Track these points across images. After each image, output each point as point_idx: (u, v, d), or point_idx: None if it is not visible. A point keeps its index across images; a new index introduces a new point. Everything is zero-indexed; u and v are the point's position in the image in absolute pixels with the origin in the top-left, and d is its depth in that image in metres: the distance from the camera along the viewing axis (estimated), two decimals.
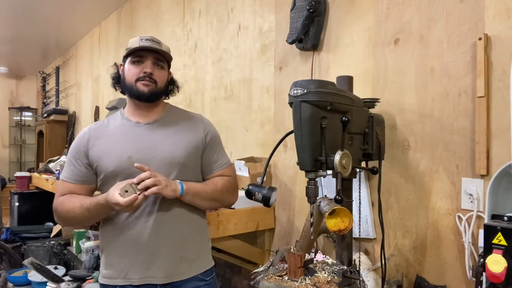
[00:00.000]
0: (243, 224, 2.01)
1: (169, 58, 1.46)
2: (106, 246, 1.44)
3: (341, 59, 1.84)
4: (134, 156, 1.36)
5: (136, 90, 1.39)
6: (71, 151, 1.46)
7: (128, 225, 1.38)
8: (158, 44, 1.42)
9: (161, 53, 1.42)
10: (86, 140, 1.43)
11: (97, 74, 4.80)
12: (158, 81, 1.41)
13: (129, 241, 1.38)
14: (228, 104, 2.56)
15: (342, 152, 1.11)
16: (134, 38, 1.44)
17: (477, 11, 1.36)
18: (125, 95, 1.48)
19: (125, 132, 1.43)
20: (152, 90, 1.40)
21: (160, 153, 1.38)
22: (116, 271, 1.39)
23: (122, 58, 1.45)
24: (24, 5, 4.14)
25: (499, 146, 1.30)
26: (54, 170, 4.16)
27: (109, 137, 1.43)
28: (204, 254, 1.49)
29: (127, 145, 1.40)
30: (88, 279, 2.72)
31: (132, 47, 1.40)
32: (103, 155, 1.39)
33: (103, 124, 1.49)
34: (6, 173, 7.27)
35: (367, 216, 1.66)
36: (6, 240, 4.12)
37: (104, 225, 1.44)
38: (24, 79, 8.03)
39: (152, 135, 1.42)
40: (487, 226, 1.04)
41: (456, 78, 1.41)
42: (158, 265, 1.37)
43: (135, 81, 1.39)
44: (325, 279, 1.21)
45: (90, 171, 1.42)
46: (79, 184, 1.42)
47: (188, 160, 1.40)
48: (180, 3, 3.10)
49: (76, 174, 1.43)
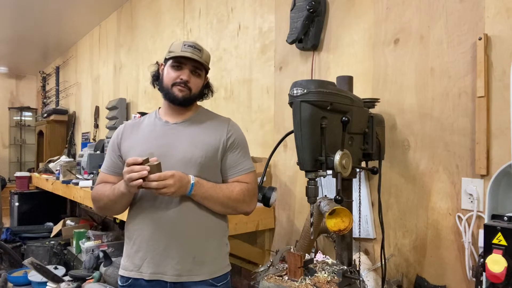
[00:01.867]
0: (243, 224, 2.01)
1: (207, 67, 1.50)
2: (127, 238, 1.48)
3: (341, 59, 1.84)
4: (155, 153, 1.40)
5: (171, 94, 1.44)
6: (110, 144, 1.56)
7: (143, 221, 1.42)
8: (199, 52, 1.44)
9: (200, 62, 1.45)
10: (121, 134, 1.53)
11: (97, 74, 4.80)
12: (193, 88, 1.46)
13: (144, 236, 1.41)
14: (228, 104, 2.56)
15: (342, 152, 1.11)
16: (177, 41, 1.48)
17: (477, 11, 1.36)
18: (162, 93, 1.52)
19: (153, 130, 1.49)
20: (186, 96, 1.44)
21: (179, 152, 1.41)
22: (132, 263, 1.43)
23: (164, 59, 1.49)
24: (24, 5, 4.14)
25: (499, 146, 1.30)
26: (54, 170, 4.16)
27: (139, 133, 1.50)
28: (219, 258, 1.48)
29: (151, 142, 1.45)
30: (88, 279, 2.72)
31: (174, 52, 1.43)
32: (130, 149, 1.47)
33: (139, 121, 1.57)
34: (6, 173, 7.28)
35: (367, 216, 1.66)
36: (6, 240, 4.13)
37: (127, 218, 1.49)
38: (24, 79, 8.02)
39: (175, 134, 1.46)
40: (487, 226, 1.04)
41: (456, 78, 1.41)
42: (169, 262, 1.39)
43: (172, 85, 1.44)
44: (325, 279, 1.21)
45: (122, 163, 1.48)
46: (113, 175, 1.51)
47: (205, 160, 1.41)
48: (180, 3, 3.10)
49: (111, 165, 1.52)
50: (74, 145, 5.59)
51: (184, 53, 1.41)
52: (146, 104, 3.59)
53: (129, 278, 1.44)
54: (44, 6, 4.17)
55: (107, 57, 4.52)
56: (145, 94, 3.62)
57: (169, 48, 1.48)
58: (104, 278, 2.69)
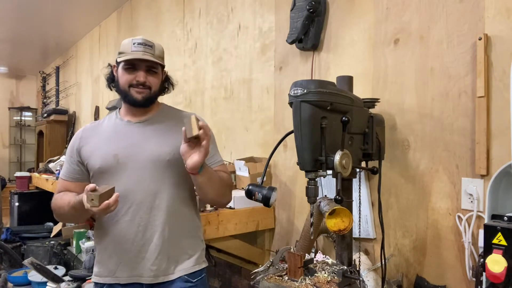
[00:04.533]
0: (243, 224, 2.01)
1: (162, 64, 1.45)
2: (97, 244, 1.46)
3: (341, 59, 1.84)
4: (120, 154, 1.38)
5: (130, 96, 1.40)
6: (67, 150, 1.51)
7: (115, 223, 1.39)
8: (150, 49, 1.39)
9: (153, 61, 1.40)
10: (79, 139, 1.47)
11: (97, 74, 4.80)
12: (152, 86, 1.41)
13: (116, 239, 1.38)
14: (228, 104, 2.56)
15: (342, 152, 1.10)
16: (126, 40, 1.41)
17: (477, 11, 1.36)
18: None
19: (115, 130, 1.45)
20: (146, 96, 1.41)
21: (146, 150, 1.38)
22: (106, 269, 1.40)
23: (116, 60, 1.44)
24: (24, 5, 4.13)
25: (499, 146, 1.30)
26: (54, 170, 4.17)
27: (100, 135, 1.46)
28: (195, 254, 1.45)
29: (115, 143, 1.41)
30: (88, 279, 2.72)
31: (125, 53, 1.38)
32: (91, 153, 1.42)
33: (98, 123, 1.52)
34: (6, 173, 7.28)
35: (367, 216, 1.66)
36: (6, 240, 4.12)
37: (96, 223, 1.46)
38: (24, 79, 8.03)
39: (140, 133, 1.43)
40: (487, 226, 1.04)
41: (456, 78, 1.41)
42: (145, 264, 1.37)
43: (129, 87, 1.40)
44: (325, 279, 1.21)
45: (82, 168, 1.45)
46: (73, 181, 1.46)
47: (174, 158, 1.37)
48: (180, 3, 3.10)
49: (70, 171, 1.47)
50: None
51: (135, 54, 1.36)
52: None
53: (103, 285, 1.41)
54: (44, 6, 4.17)
55: (107, 57, 4.52)
56: None
57: (119, 48, 1.42)
58: None
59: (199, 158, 1.22)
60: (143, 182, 1.38)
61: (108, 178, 1.38)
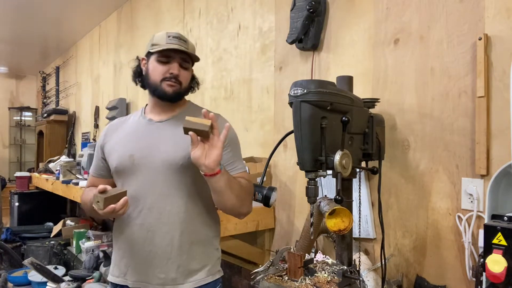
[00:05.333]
0: (243, 224, 2.01)
1: (194, 58, 1.42)
2: (114, 243, 1.45)
3: (341, 59, 1.84)
4: (136, 155, 1.34)
5: (161, 90, 1.36)
6: (96, 145, 1.51)
7: (128, 225, 1.36)
8: (185, 43, 1.36)
9: (188, 53, 1.37)
10: (104, 135, 1.47)
11: (97, 74, 4.80)
12: (183, 81, 1.38)
13: (128, 242, 1.36)
14: (228, 104, 2.56)
15: (342, 152, 1.10)
16: (160, 32, 1.38)
17: (477, 11, 1.36)
18: (145, 90, 1.46)
19: (136, 129, 1.42)
20: (177, 91, 1.37)
21: (161, 153, 1.33)
22: (118, 269, 1.40)
23: (146, 53, 1.40)
24: (24, 5, 4.13)
25: (499, 146, 1.30)
26: (54, 170, 4.16)
27: (121, 133, 1.43)
28: (208, 265, 1.38)
29: (132, 143, 1.38)
30: (88, 279, 2.72)
31: (160, 44, 1.34)
32: (111, 151, 1.41)
33: (125, 119, 1.50)
34: (6, 173, 7.28)
35: (367, 216, 1.66)
36: (6, 240, 4.13)
37: (115, 221, 1.45)
38: (24, 79, 8.02)
39: (159, 133, 1.38)
40: (487, 226, 1.04)
41: (456, 78, 1.41)
42: (153, 270, 1.33)
43: (161, 81, 1.36)
44: (325, 279, 1.21)
45: (106, 165, 1.44)
46: (99, 177, 1.46)
47: (188, 162, 1.27)
48: (180, 3, 3.10)
49: (96, 167, 1.48)
50: (74, 145, 5.58)
51: (171, 45, 1.32)
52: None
53: (116, 285, 1.40)
54: (44, 6, 4.17)
55: (107, 57, 4.52)
56: (145, 94, 3.59)
57: (151, 40, 1.38)
58: (104, 278, 2.69)
59: (218, 150, 1.15)
60: (156, 186, 1.33)
61: (124, 178, 1.37)
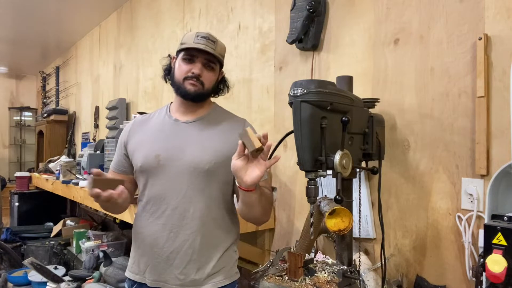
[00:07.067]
0: (243, 224, 2.00)
1: (221, 60, 1.41)
2: (134, 239, 1.45)
3: (341, 59, 1.84)
4: (162, 155, 1.34)
5: (183, 88, 1.36)
6: (118, 140, 1.50)
7: (150, 224, 1.37)
8: (213, 44, 1.35)
9: (213, 55, 1.36)
10: (128, 131, 1.47)
11: (97, 74, 4.80)
12: (206, 82, 1.37)
13: (148, 241, 1.36)
14: (228, 104, 2.56)
15: (342, 152, 1.11)
16: (190, 32, 1.39)
17: (477, 11, 1.36)
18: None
19: (162, 129, 1.41)
20: (198, 91, 1.36)
21: (187, 156, 1.33)
22: (137, 267, 1.40)
23: (176, 51, 1.41)
24: (24, 5, 4.13)
25: (499, 146, 1.30)
26: (54, 170, 4.16)
27: (146, 131, 1.43)
28: (227, 267, 1.39)
29: (158, 143, 1.37)
30: (88, 279, 2.72)
31: (186, 43, 1.35)
32: (136, 149, 1.40)
33: (149, 117, 1.49)
34: (6, 173, 7.28)
35: (367, 216, 1.66)
36: (6, 240, 4.13)
37: (135, 216, 1.45)
38: (24, 79, 8.02)
39: (185, 135, 1.38)
40: (487, 226, 1.04)
41: (456, 78, 1.41)
42: (172, 271, 1.33)
43: (183, 80, 1.36)
44: (325, 279, 1.21)
45: (128, 162, 1.44)
46: (120, 173, 1.46)
47: (214, 167, 1.31)
48: (180, 3, 3.10)
49: (117, 163, 1.47)
50: (74, 145, 5.58)
51: (197, 45, 1.32)
52: (146, 104, 3.58)
53: (135, 282, 1.40)
54: (44, 6, 4.17)
55: (107, 57, 4.52)
56: (145, 94, 3.62)
57: (181, 39, 1.39)
58: (104, 278, 2.69)
59: (260, 173, 1.14)
60: (181, 188, 1.33)
61: (148, 178, 1.36)
